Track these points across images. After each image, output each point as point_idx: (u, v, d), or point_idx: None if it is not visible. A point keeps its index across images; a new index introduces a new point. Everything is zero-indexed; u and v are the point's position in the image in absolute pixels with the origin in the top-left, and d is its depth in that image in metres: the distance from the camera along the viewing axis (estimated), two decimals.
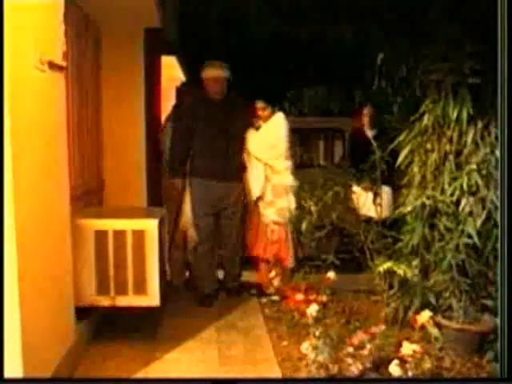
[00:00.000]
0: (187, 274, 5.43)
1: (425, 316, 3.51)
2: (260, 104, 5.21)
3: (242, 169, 5.09)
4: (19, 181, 2.58)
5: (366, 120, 6.08)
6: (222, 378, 3.49)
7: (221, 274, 5.31)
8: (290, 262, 5.16)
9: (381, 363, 3.32)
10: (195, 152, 4.96)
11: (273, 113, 5.22)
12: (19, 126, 2.60)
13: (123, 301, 3.82)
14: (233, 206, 5.04)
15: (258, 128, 5.22)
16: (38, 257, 2.86)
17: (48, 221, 3.06)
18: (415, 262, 4.02)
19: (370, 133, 5.95)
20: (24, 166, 2.66)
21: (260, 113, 5.22)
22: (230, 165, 4.97)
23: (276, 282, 4.89)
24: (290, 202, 5.10)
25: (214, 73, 4.95)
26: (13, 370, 2.58)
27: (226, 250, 5.18)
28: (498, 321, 2.83)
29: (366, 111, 6.10)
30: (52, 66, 3.06)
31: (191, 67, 7.77)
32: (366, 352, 3.34)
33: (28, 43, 2.77)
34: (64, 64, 3.30)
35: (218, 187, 4.91)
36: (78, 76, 4.23)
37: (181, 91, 6.02)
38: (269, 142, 5.13)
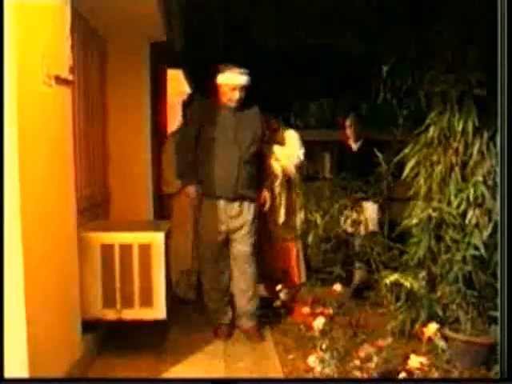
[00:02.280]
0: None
1: (432, 328, 3.49)
2: (269, 116, 5.05)
3: (256, 186, 4.52)
4: (25, 193, 2.59)
5: (349, 132, 5.74)
6: (221, 377, 3.48)
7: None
8: (301, 278, 5.10)
9: (388, 376, 3.30)
10: (203, 165, 4.38)
11: (279, 126, 5.09)
12: (26, 139, 2.62)
13: (129, 314, 3.82)
14: (245, 229, 4.43)
15: (275, 142, 5.04)
16: (44, 270, 2.87)
17: (54, 234, 3.06)
18: (422, 274, 4.00)
19: (354, 145, 5.75)
20: (30, 179, 2.67)
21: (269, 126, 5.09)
22: (243, 181, 4.35)
23: (283, 295, 4.86)
24: (300, 218, 5.05)
25: (233, 79, 4.37)
26: None
27: (236, 281, 4.51)
28: (498, 319, 2.81)
29: (349, 122, 5.74)
30: (59, 80, 3.08)
31: (197, 80, 7.80)
32: (372, 365, 3.33)
33: (35, 58, 2.79)
34: (70, 78, 3.32)
35: (229, 207, 4.37)
36: (85, 89, 4.26)
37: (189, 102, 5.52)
38: (296, 157, 5.01)
